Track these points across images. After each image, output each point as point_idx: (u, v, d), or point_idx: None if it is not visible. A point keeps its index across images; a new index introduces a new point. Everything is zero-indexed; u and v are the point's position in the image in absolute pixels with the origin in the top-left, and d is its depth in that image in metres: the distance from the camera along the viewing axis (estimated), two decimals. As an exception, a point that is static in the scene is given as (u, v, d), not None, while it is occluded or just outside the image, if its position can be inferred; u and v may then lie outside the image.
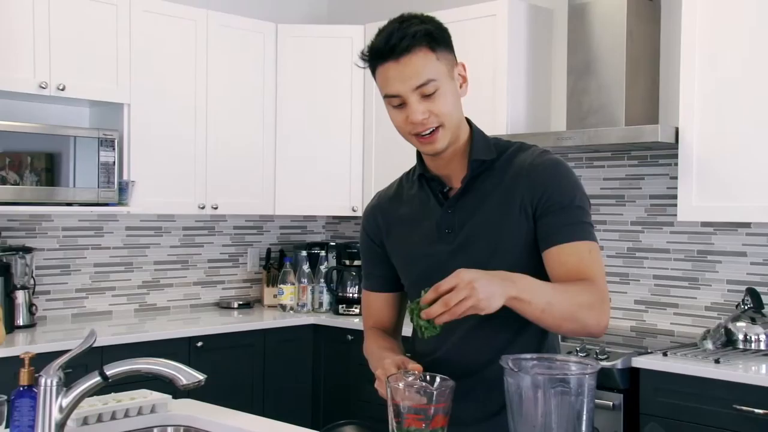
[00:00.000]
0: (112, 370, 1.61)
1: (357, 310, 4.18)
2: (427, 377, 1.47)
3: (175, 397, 2.14)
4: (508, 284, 1.43)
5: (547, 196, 1.61)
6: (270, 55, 4.24)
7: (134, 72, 3.71)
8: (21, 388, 1.65)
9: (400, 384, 1.43)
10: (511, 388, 1.31)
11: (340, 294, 4.25)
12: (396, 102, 1.59)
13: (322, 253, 4.44)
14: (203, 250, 4.41)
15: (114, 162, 3.58)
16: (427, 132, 1.59)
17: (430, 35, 1.56)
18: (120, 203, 3.65)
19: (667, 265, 3.55)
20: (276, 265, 4.50)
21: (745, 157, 3.03)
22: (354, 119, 4.30)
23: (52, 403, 1.56)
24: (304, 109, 4.29)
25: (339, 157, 4.31)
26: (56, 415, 1.56)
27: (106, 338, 3.30)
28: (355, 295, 4.23)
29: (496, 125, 3.69)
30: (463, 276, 1.38)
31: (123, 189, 3.65)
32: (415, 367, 1.51)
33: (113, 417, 1.97)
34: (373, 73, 1.62)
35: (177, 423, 2.05)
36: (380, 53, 1.57)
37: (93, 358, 2.88)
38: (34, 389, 1.62)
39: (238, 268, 4.55)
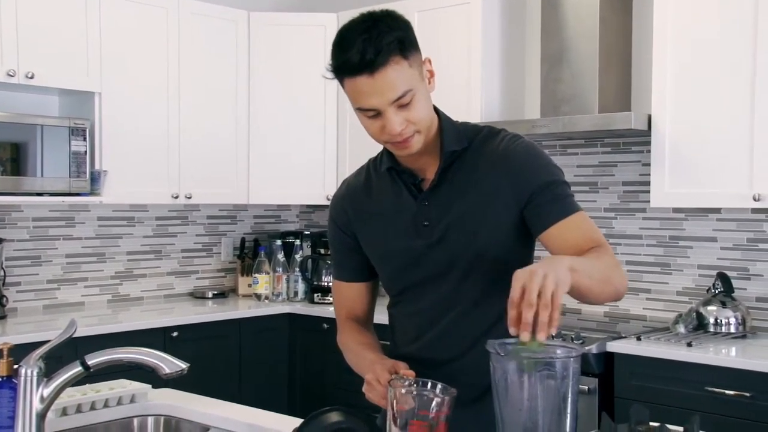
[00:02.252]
0: (94, 359, 1.59)
1: (332, 299, 4.17)
2: (426, 383, 1.45)
3: (154, 387, 2.13)
4: (557, 260, 1.38)
5: (530, 182, 1.60)
6: (242, 43, 4.21)
7: (105, 60, 3.66)
8: (0, 379, 1.62)
9: (404, 390, 1.42)
10: (496, 372, 1.32)
11: (315, 283, 4.24)
12: (370, 113, 1.54)
13: (297, 242, 4.43)
14: (177, 240, 4.38)
15: (86, 151, 3.54)
16: (405, 138, 1.57)
17: (402, 42, 1.50)
18: (92, 193, 3.61)
19: (640, 251, 3.59)
20: (250, 254, 4.48)
21: (716, 144, 3.07)
22: (327, 108, 4.28)
23: (33, 393, 1.54)
24: (277, 97, 4.26)
25: (313, 145, 4.29)
26: (37, 406, 1.53)
27: (79, 329, 3.23)
28: (330, 284, 4.21)
29: (470, 113, 3.70)
30: (520, 275, 1.30)
31: (95, 179, 3.61)
32: (408, 373, 1.50)
33: (93, 407, 1.96)
34: (342, 83, 1.55)
35: (157, 413, 2.04)
36: (353, 68, 1.49)
37: (67, 350, 2.82)
38: (13, 380, 1.60)
39: (212, 258, 4.53)
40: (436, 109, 1.67)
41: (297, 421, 1.83)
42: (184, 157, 3.98)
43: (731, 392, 2.74)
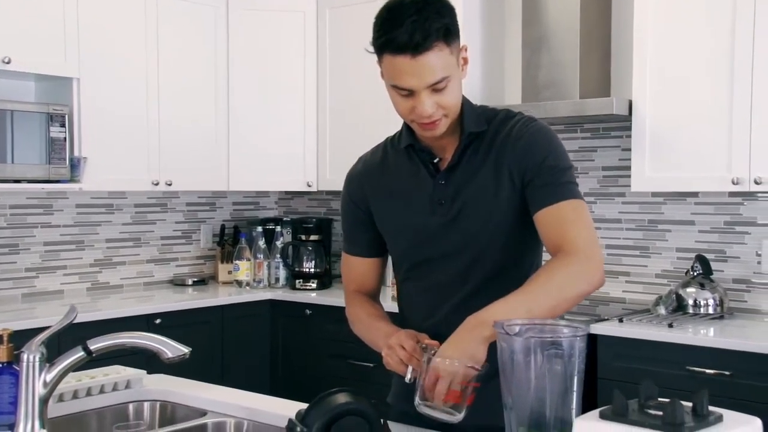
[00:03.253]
0: (96, 344, 1.58)
1: (314, 285, 4.19)
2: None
3: (149, 372, 2.12)
4: (477, 332, 1.46)
5: (532, 163, 1.63)
6: (221, 28, 4.18)
7: (83, 46, 3.60)
8: (0, 365, 1.61)
9: (447, 361, 1.46)
10: (504, 352, 1.33)
11: (296, 269, 4.24)
12: (404, 92, 1.57)
13: (278, 228, 4.42)
14: (156, 228, 4.35)
15: (65, 138, 3.49)
16: (434, 120, 1.59)
17: (448, 30, 1.53)
18: (72, 180, 3.57)
19: (619, 235, 3.64)
20: (230, 241, 4.47)
21: (695, 128, 3.11)
22: (307, 94, 4.27)
23: (36, 378, 1.53)
24: (256, 83, 4.24)
25: (292, 132, 4.28)
26: (40, 391, 1.52)
27: (59, 318, 3.23)
28: (312, 270, 4.23)
29: (451, 99, 3.71)
30: (437, 366, 1.45)
31: (75, 165, 3.57)
32: (431, 343, 1.55)
33: (89, 393, 1.95)
34: (380, 58, 1.58)
35: (153, 398, 2.03)
36: (398, 47, 1.51)
37: (50, 338, 2.82)
38: (14, 366, 1.59)
39: (192, 245, 4.50)
40: None
41: (294, 405, 1.84)
42: (164, 144, 3.95)
43: (712, 371, 2.80)
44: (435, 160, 1.72)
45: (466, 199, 1.67)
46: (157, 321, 3.59)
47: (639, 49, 3.22)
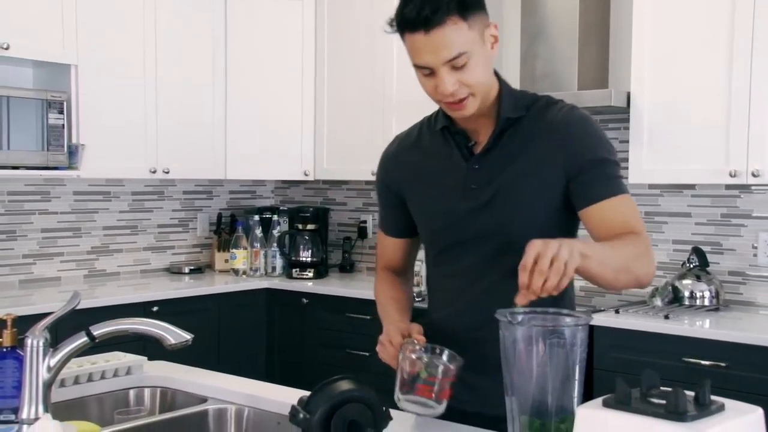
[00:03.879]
0: (99, 330, 1.58)
1: (310, 274, 4.20)
2: (435, 349, 1.51)
3: (150, 359, 2.13)
4: (573, 242, 1.40)
5: (583, 155, 1.59)
6: (219, 16, 4.17)
7: (81, 32, 3.59)
8: (4, 350, 1.61)
9: (414, 355, 1.48)
10: (506, 340, 1.34)
11: (293, 258, 4.24)
12: (426, 71, 1.54)
13: (275, 217, 4.42)
14: (153, 215, 4.35)
15: (63, 125, 3.49)
16: (459, 99, 1.57)
17: (463, 3, 1.49)
18: (70, 167, 3.56)
19: (616, 227, 3.64)
20: (227, 229, 4.46)
21: (694, 121, 3.11)
22: (305, 83, 4.26)
23: (40, 363, 1.53)
24: (254, 72, 4.23)
25: (290, 121, 4.27)
26: (45, 375, 1.52)
27: (57, 304, 3.22)
28: (308, 259, 4.24)
29: (450, 89, 3.71)
30: (536, 243, 1.34)
31: (73, 153, 3.56)
32: (419, 338, 1.55)
33: (90, 379, 1.96)
34: (402, 37, 1.56)
35: (153, 384, 2.04)
36: (411, 23, 1.49)
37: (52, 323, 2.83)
38: (18, 350, 1.59)
39: (188, 233, 4.50)
40: (497, 74, 1.67)
41: (294, 392, 1.85)
42: (161, 132, 3.94)
43: (707, 362, 2.82)
44: (470, 144, 1.69)
45: (500, 186, 1.64)
46: (154, 309, 3.59)
47: (638, 41, 3.22)
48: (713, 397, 1.13)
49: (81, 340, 1.57)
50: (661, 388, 1.17)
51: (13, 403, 1.58)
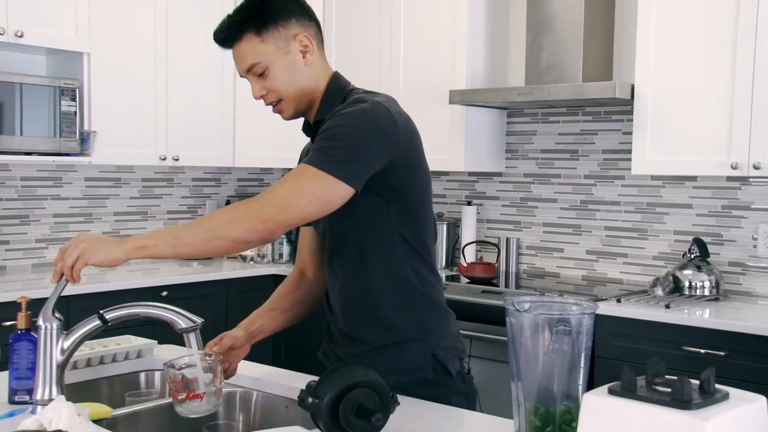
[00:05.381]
0: (112, 314, 1.59)
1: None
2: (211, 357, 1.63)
3: (160, 343, 2.13)
4: (123, 242, 1.52)
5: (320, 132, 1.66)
6: (229, 5, 4.14)
7: (93, 21, 3.59)
8: (19, 332, 1.61)
9: (172, 371, 1.59)
10: (513, 328, 1.33)
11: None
12: (246, 79, 1.75)
13: (282, 204, 4.41)
14: (162, 202, 4.34)
15: (75, 112, 3.48)
16: (271, 104, 1.74)
17: (254, 20, 1.68)
18: (82, 153, 3.56)
19: (618, 217, 3.64)
20: (235, 216, 4.45)
21: (697, 113, 3.10)
22: (313, 73, 4.24)
23: (54, 345, 1.53)
24: (263, 61, 4.21)
25: (298, 110, 4.25)
26: (58, 357, 1.53)
27: (70, 288, 3.22)
28: (315, 246, 4.23)
29: (455, 80, 3.70)
30: (77, 237, 1.54)
31: (85, 139, 3.56)
32: (215, 351, 1.73)
33: (101, 362, 1.96)
34: None
35: (163, 368, 2.03)
36: (218, 41, 1.75)
37: (60, 308, 2.84)
38: (32, 333, 1.59)
39: (197, 220, 4.49)
40: (337, 79, 1.77)
41: (301, 377, 1.85)
42: (171, 120, 3.94)
43: (706, 351, 2.81)
44: None
45: None
46: (164, 293, 3.59)
47: (642, 34, 3.21)
48: (718, 386, 1.12)
49: (93, 323, 1.57)
50: (666, 376, 1.17)
51: (27, 385, 1.59)
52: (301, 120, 1.87)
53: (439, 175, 4.17)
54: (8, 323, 2.87)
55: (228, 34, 1.72)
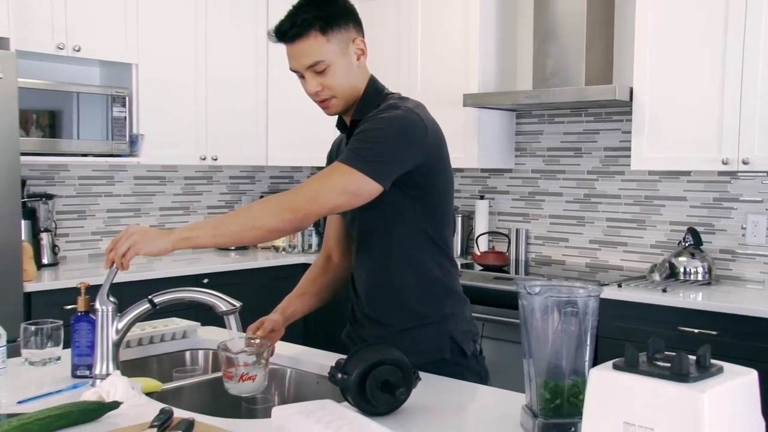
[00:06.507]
0: (160, 298, 1.60)
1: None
2: (257, 341, 1.64)
3: (203, 325, 2.14)
4: (169, 234, 1.52)
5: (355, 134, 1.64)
6: (261, 19, 4.15)
7: (141, 36, 3.61)
8: (79, 314, 1.63)
9: (220, 350, 1.59)
10: (525, 310, 1.33)
11: (327, 236, 4.24)
12: (298, 75, 1.68)
13: (311, 199, 4.41)
14: (202, 198, 4.37)
15: (125, 117, 3.51)
16: (323, 100, 1.68)
17: (321, 20, 1.61)
18: (131, 154, 3.59)
19: (618, 209, 3.61)
20: (269, 210, 4.47)
21: (690, 114, 3.07)
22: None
23: (109, 326, 1.55)
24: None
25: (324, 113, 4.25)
26: (113, 336, 1.55)
27: (120, 276, 3.25)
28: (341, 237, 4.24)
29: (468, 85, 3.69)
30: (127, 229, 1.54)
31: (134, 141, 3.58)
32: (259, 335, 1.74)
33: (151, 341, 1.97)
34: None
35: (206, 347, 2.06)
36: (279, 36, 1.65)
37: (113, 294, 2.87)
38: (91, 315, 1.61)
39: (234, 214, 4.51)
40: (373, 81, 1.75)
41: (331, 355, 1.85)
42: (210, 124, 3.95)
43: (700, 331, 2.79)
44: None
45: None
46: (205, 281, 3.61)
47: (640, 41, 3.18)
48: (713, 361, 1.12)
49: (144, 306, 1.59)
50: (666, 352, 1.16)
51: (87, 361, 1.60)
52: (329, 121, 1.87)
53: (454, 172, 4.12)
54: (69, 307, 2.91)
55: (294, 31, 1.62)
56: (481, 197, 4.02)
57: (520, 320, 1.34)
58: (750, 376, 1.11)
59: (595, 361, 1.22)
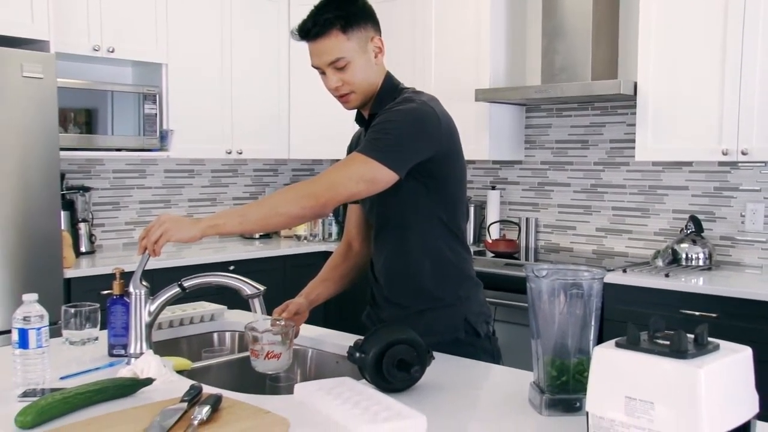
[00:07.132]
0: (189, 282, 1.62)
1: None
2: (282, 322, 1.63)
3: (229, 308, 2.16)
4: (198, 222, 1.53)
5: (373, 125, 1.64)
6: (283, 20, 4.16)
7: (171, 37, 3.63)
8: (114, 297, 1.66)
9: (246, 329, 1.59)
10: (533, 292, 1.33)
11: (346, 225, 4.26)
12: (319, 71, 1.68)
13: (331, 191, 4.43)
14: (228, 190, 4.40)
15: (156, 114, 3.54)
16: (342, 94, 1.68)
17: (342, 20, 1.62)
18: (161, 149, 3.62)
19: (623, 198, 3.59)
20: (291, 201, 4.48)
21: (691, 107, 3.05)
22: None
23: (142, 309, 1.57)
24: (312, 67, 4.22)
25: (341, 108, 4.25)
26: (146, 318, 1.57)
27: (152, 263, 3.27)
28: (359, 226, 4.25)
29: (479, 80, 3.68)
30: (159, 217, 1.55)
31: (164, 137, 3.61)
32: (284, 317, 1.74)
33: (181, 323, 1.99)
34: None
35: (232, 329, 2.08)
36: (302, 35, 1.66)
37: (146, 279, 2.90)
38: (125, 298, 1.63)
39: (259, 205, 4.53)
40: (390, 77, 1.74)
41: (350, 336, 1.87)
42: (236, 119, 3.98)
43: (701, 313, 2.77)
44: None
45: None
46: (231, 268, 3.63)
47: (643, 38, 3.15)
48: (710, 339, 1.12)
49: (174, 290, 1.61)
50: (666, 331, 1.16)
51: (123, 341, 1.63)
52: (348, 116, 1.87)
53: (467, 164, 4.14)
54: (105, 291, 2.95)
55: (316, 30, 1.63)
56: (493, 188, 4.01)
57: (528, 302, 1.35)
58: (744, 353, 1.11)
59: (600, 342, 1.22)
